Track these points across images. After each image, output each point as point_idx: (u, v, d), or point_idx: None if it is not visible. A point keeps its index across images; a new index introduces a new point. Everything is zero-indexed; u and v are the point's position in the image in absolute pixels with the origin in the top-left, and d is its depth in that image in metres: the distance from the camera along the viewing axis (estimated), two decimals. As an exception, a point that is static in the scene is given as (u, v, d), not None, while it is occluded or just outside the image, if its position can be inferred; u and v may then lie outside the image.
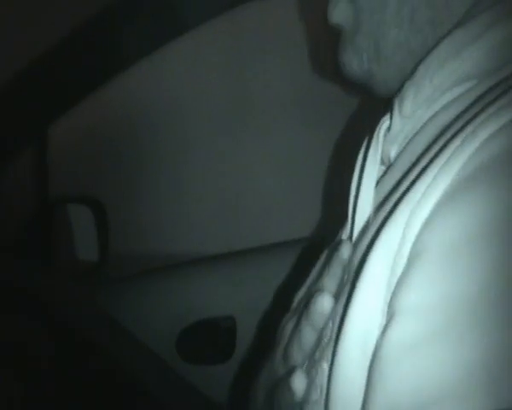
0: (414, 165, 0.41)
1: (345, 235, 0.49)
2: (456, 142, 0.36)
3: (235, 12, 1.07)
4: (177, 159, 1.21)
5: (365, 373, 0.36)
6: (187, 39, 1.05)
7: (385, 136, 0.47)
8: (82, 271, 1.08)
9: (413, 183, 0.38)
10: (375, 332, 0.36)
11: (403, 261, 0.36)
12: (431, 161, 0.37)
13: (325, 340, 0.43)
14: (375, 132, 0.48)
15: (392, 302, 0.35)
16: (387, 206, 0.41)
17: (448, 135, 0.38)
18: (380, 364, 0.34)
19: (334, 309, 0.43)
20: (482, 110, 0.37)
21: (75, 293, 0.98)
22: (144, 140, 1.20)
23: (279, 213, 1.23)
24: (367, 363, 0.36)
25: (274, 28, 1.16)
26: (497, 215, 0.32)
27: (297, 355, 0.46)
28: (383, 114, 0.48)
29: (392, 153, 0.46)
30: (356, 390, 0.37)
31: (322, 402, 0.41)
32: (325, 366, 0.42)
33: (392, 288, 0.36)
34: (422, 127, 0.44)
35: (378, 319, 0.37)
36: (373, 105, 0.53)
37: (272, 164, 1.22)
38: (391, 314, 0.35)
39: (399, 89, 0.47)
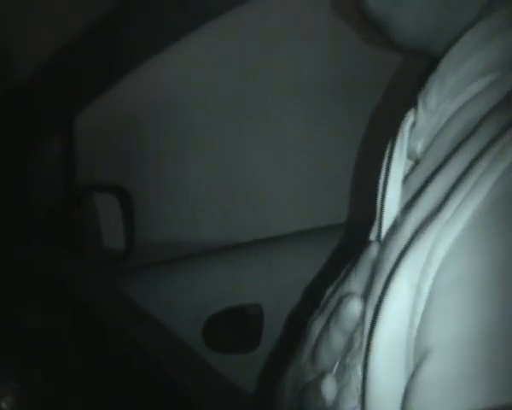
0: (441, 166, 0.40)
1: (373, 235, 0.49)
2: (483, 164, 0.35)
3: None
4: (203, 145, 1.21)
5: (399, 382, 0.36)
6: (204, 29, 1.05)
7: (410, 131, 0.46)
8: (109, 259, 1.09)
9: (443, 203, 0.37)
10: (402, 349, 0.36)
11: (427, 287, 0.35)
12: (459, 181, 0.36)
13: (356, 345, 0.42)
14: (400, 128, 0.47)
15: (421, 340, 0.35)
16: (416, 209, 0.40)
17: (475, 146, 0.37)
18: (419, 396, 0.34)
19: (363, 312, 0.42)
20: (510, 124, 0.35)
21: (102, 281, 0.99)
22: (168, 128, 1.20)
23: (304, 201, 1.22)
24: (396, 383, 0.36)
25: (280, 19, 1.15)
26: None
27: (326, 358, 0.45)
28: (404, 108, 0.47)
29: (419, 148, 0.45)
30: (392, 399, 0.36)
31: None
32: (359, 371, 0.41)
33: (418, 316, 0.35)
34: (448, 122, 0.43)
35: (403, 342, 0.36)
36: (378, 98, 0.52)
37: (291, 151, 1.21)
38: (424, 350, 0.34)
39: (422, 82, 0.46)
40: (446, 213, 0.35)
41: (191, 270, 1.09)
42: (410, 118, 0.47)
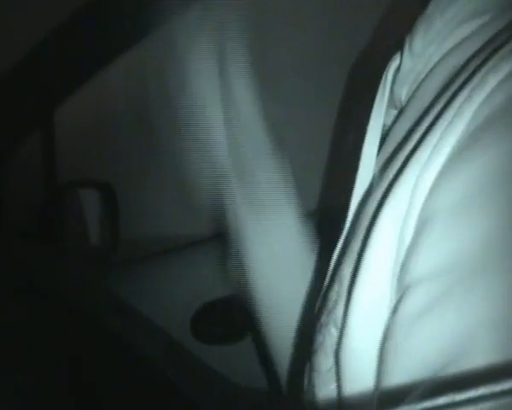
0: (424, 114, 0.38)
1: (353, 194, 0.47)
2: (464, 94, 0.34)
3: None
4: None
5: (374, 345, 0.35)
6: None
7: (394, 76, 0.45)
8: (94, 255, 1.08)
9: (420, 141, 0.36)
10: (383, 305, 0.35)
11: (410, 231, 0.34)
12: (438, 117, 0.35)
13: (330, 304, 0.41)
14: (384, 72, 0.45)
15: (403, 277, 0.34)
16: (398, 161, 0.38)
17: (456, 85, 0.36)
18: (393, 338, 0.33)
19: (339, 272, 0.41)
20: (491, 55, 0.34)
21: (87, 278, 0.98)
22: (153, 121, 1.19)
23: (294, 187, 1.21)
24: (375, 335, 0.35)
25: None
26: (504, 170, 0.31)
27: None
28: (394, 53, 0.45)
29: (403, 95, 0.43)
30: (367, 361, 0.36)
31: (334, 371, 0.39)
32: (333, 331, 0.40)
33: (401, 260, 0.34)
34: (433, 69, 0.41)
35: (386, 292, 0.35)
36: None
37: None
38: (402, 290, 0.34)
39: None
40: (424, 155, 0.34)
41: (178, 262, 1.08)
42: (395, 61, 0.45)
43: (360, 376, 0.36)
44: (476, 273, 0.30)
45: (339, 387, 0.39)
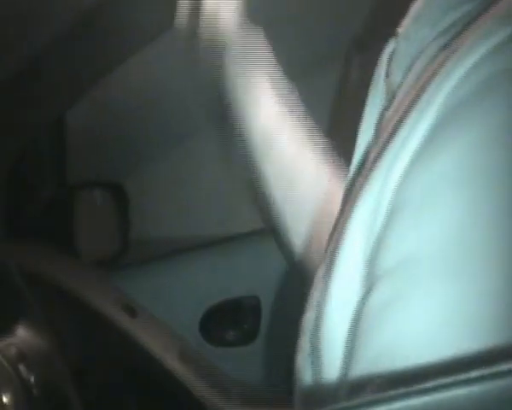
0: (410, 106, 0.37)
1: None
2: (437, 79, 0.33)
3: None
4: (198, 137, 1.20)
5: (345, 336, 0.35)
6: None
7: (389, 60, 0.43)
8: (104, 256, 1.08)
9: (392, 133, 0.35)
10: (354, 298, 0.35)
11: (379, 223, 0.34)
12: (410, 107, 0.35)
13: (313, 301, 0.41)
14: (380, 58, 0.44)
15: (371, 270, 0.34)
16: (374, 153, 0.38)
17: (427, 75, 0.35)
18: (361, 329, 0.33)
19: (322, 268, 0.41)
20: (459, 44, 0.34)
21: (97, 278, 0.98)
22: (163, 122, 1.19)
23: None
24: (346, 327, 0.35)
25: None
26: (469, 162, 0.30)
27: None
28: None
29: (397, 81, 0.43)
30: (340, 352, 0.36)
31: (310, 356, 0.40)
32: (311, 314, 0.40)
33: (369, 252, 0.34)
34: (423, 51, 0.40)
35: (357, 286, 0.35)
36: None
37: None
38: (370, 283, 0.34)
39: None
40: (396, 144, 0.34)
41: (187, 264, 1.08)
42: (390, 46, 0.44)
43: (334, 366, 0.37)
44: (438, 267, 0.30)
45: (314, 373, 0.39)
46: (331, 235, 0.41)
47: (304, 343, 0.41)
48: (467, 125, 0.31)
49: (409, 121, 0.34)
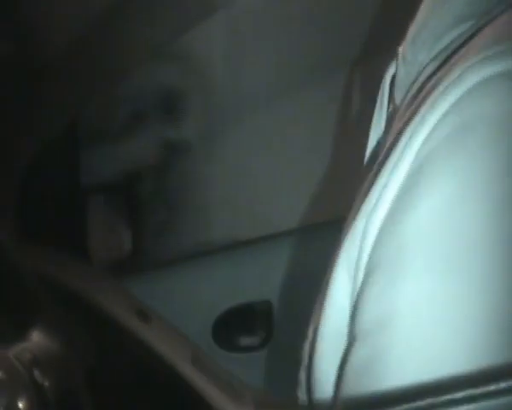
0: (403, 128, 0.36)
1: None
2: (408, 132, 0.33)
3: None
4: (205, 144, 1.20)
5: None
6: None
7: (391, 84, 0.44)
8: (115, 260, 1.08)
9: (373, 179, 0.35)
10: (342, 345, 0.36)
11: (361, 274, 0.34)
12: (387, 155, 0.34)
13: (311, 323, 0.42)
14: (382, 82, 0.45)
15: (352, 326, 0.34)
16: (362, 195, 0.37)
17: (408, 116, 0.35)
18: (345, 385, 0.34)
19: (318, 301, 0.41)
20: (435, 86, 0.33)
21: (111, 283, 0.98)
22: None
23: (313, 194, 1.21)
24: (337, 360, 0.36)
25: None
26: (444, 217, 0.30)
27: None
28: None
29: (397, 104, 0.42)
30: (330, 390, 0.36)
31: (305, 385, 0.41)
32: (306, 346, 0.41)
33: (353, 303, 0.35)
34: (418, 75, 0.40)
35: (344, 330, 0.36)
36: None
37: (297, 147, 1.19)
38: (352, 338, 0.34)
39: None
40: (375, 194, 0.34)
41: (199, 269, 1.08)
42: (391, 70, 0.44)
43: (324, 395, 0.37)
44: (414, 328, 0.30)
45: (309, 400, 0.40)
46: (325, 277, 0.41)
47: (300, 374, 0.42)
48: (441, 177, 0.31)
49: (388, 166, 0.33)
